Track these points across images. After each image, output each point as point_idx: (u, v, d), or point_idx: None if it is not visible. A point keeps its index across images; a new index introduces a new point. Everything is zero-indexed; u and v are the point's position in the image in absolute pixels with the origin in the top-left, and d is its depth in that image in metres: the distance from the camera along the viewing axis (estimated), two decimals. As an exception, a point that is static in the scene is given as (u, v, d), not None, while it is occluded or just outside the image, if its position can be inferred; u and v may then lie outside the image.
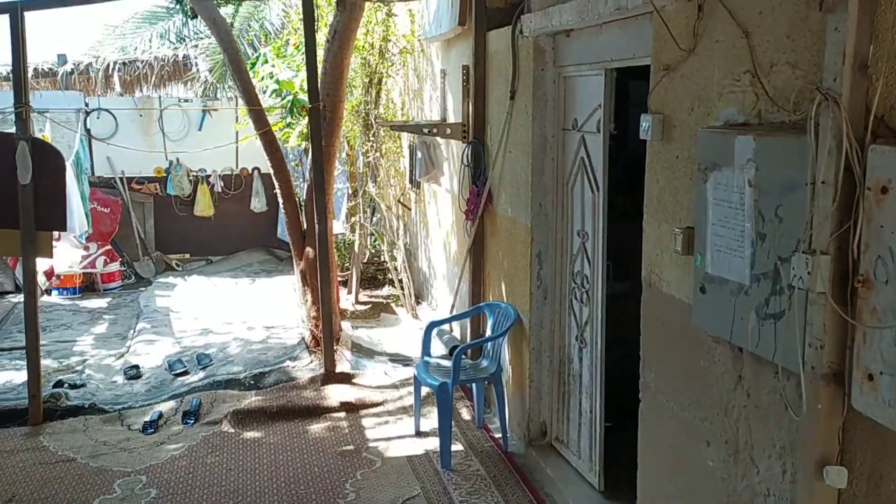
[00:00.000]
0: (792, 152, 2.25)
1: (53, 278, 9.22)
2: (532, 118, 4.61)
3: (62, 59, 10.39)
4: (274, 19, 10.47)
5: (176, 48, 11.03)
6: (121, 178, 10.44)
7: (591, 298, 4.31)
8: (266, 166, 7.01)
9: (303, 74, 7.12)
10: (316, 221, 6.17)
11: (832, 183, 2.08)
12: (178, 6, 7.70)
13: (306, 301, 6.86)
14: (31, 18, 5.32)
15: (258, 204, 10.92)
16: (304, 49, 6.12)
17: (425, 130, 6.05)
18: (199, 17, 7.37)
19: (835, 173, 2.07)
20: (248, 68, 7.76)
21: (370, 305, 8.39)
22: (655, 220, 3.25)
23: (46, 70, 10.40)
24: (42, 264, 7.92)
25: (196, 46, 10.79)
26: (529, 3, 4.55)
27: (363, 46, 7.43)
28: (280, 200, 6.78)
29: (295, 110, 7.70)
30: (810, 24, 2.27)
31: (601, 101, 3.98)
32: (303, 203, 7.05)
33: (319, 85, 6.19)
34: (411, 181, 7.89)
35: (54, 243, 8.71)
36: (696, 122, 2.87)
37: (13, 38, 5.16)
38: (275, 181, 6.74)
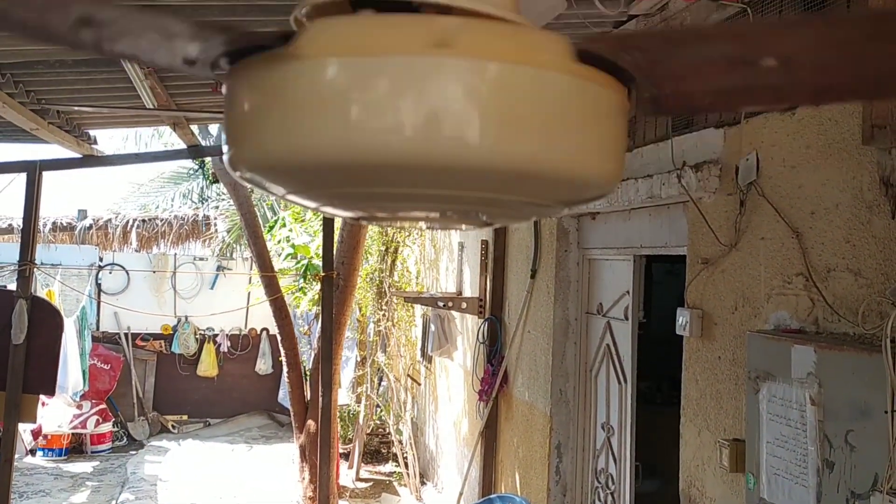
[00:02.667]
0: (863, 370, 1.97)
1: (40, 438, 8.75)
2: (554, 299, 4.40)
3: (82, 215, 10.50)
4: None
5: (197, 208, 11.17)
6: (125, 335, 10.22)
7: (618, 502, 3.88)
8: (275, 328, 6.81)
9: (319, 240, 7.04)
10: (321, 393, 5.83)
11: (917, 412, 1.79)
12: (200, 171, 7.81)
13: (303, 478, 6.37)
14: (58, 175, 5.32)
15: (263, 366, 10.61)
16: (322, 215, 6.06)
17: (440, 304, 5.85)
18: (220, 181, 7.43)
19: (919, 401, 1.78)
20: (266, 231, 7.72)
21: (371, 483, 7.83)
22: (695, 426, 2.92)
23: (65, 224, 10.48)
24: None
25: (217, 207, 10.92)
26: (553, 184, 4.47)
27: (381, 215, 7.40)
28: (285, 369, 6.48)
29: (308, 275, 7.57)
30: (874, 231, 2.07)
31: (629, 288, 3.77)
32: (308, 372, 6.74)
33: (335, 252, 6.06)
34: (423, 354, 7.60)
35: (46, 400, 8.42)
36: (742, 323, 2.62)
37: (28, 196, 5.10)
38: (281, 348, 6.48)
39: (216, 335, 10.56)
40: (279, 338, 6.48)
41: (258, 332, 10.72)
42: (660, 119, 3.32)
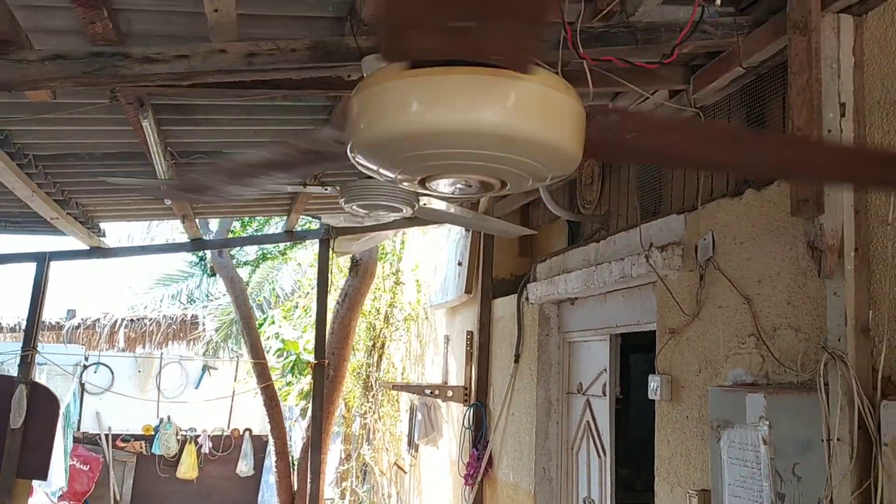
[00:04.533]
0: (804, 410, 2.29)
1: (17, 538, 8.58)
2: (536, 381, 4.68)
3: (70, 314, 10.70)
4: (285, 284, 10.98)
5: (185, 308, 11.41)
6: (106, 435, 10.18)
7: (600, 575, 4.04)
8: (258, 427, 6.97)
9: (307, 336, 7.32)
10: (309, 480, 5.95)
11: (848, 440, 2.10)
12: (200, 264, 8.13)
13: (288, 574, 6.38)
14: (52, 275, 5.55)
15: (245, 467, 10.54)
16: (312, 310, 6.37)
17: (427, 391, 6.08)
18: (217, 275, 7.76)
19: (849, 430, 2.09)
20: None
21: (354, 583, 7.75)
22: (667, 484, 3.18)
23: (53, 324, 10.65)
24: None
25: (206, 307, 11.17)
26: (535, 273, 4.85)
27: (370, 311, 7.72)
28: (273, 458, 6.60)
29: (296, 370, 7.79)
30: (809, 292, 2.44)
31: (606, 366, 4.08)
32: (296, 462, 6.86)
33: (326, 343, 6.34)
34: (409, 443, 7.73)
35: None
36: (705, 383, 2.94)
37: (35, 284, 5.39)
38: (270, 437, 6.64)
39: (198, 436, 10.55)
40: (269, 426, 6.63)
41: (241, 433, 10.71)
42: (630, 210, 3.75)
